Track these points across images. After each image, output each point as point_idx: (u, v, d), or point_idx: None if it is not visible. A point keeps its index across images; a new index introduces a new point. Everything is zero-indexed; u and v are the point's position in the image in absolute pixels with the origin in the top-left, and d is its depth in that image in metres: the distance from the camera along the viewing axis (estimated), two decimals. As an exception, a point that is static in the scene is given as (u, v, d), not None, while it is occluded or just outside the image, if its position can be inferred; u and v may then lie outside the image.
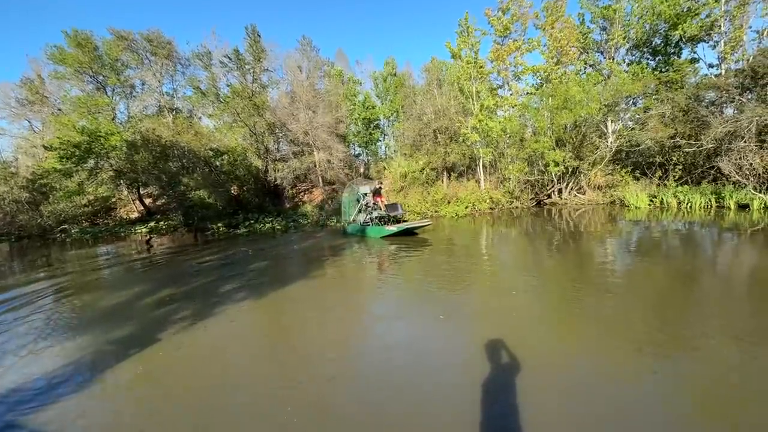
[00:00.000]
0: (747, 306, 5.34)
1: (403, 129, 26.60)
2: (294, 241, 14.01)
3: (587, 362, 3.98)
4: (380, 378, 3.83)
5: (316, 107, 21.28)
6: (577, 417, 3.03)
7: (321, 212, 19.09)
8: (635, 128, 19.71)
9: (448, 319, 5.35)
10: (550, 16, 21.00)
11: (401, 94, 29.13)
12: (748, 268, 7.30)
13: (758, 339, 4.14)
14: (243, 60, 20.90)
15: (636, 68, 21.59)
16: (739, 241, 9.57)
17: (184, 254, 12.53)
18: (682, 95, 17.90)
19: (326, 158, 20.85)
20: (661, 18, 20.53)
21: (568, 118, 17.86)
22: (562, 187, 20.08)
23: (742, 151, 14.89)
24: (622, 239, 10.71)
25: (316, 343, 4.85)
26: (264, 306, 6.38)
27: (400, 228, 12.17)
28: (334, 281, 7.96)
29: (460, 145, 22.62)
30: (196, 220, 18.22)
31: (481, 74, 20.75)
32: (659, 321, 4.89)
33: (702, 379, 3.51)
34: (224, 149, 20.02)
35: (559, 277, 7.23)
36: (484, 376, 3.63)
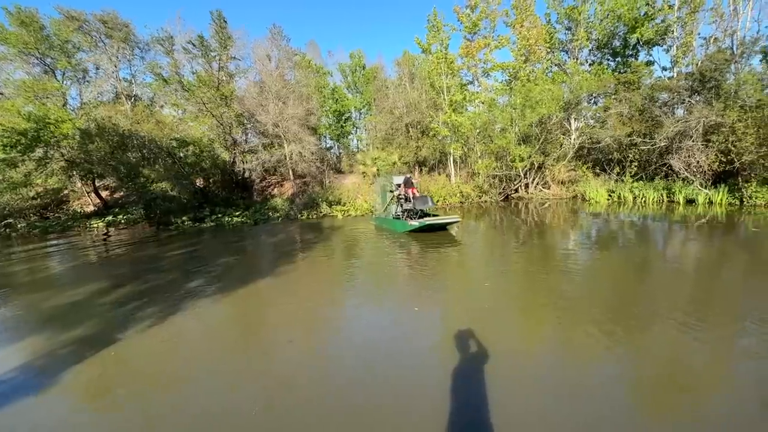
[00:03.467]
0: (691, 290, 5.81)
1: (375, 122, 26.54)
2: (264, 234, 13.70)
3: (553, 347, 4.22)
4: (350, 370, 3.85)
5: (287, 98, 20.76)
6: (543, 400, 3.19)
7: (292, 206, 18.76)
8: (596, 126, 20.68)
9: (423, 311, 5.45)
10: (519, 15, 21.51)
11: (373, 87, 28.99)
12: (692, 257, 7.91)
13: (700, 320, 4.53)
14: (208, 47, 20.00)
15: (597, 68, 22.61)
16: (686, 232, 10.34)
17: (145, 249, 11.95)
18: (638, 95, 18.93)
19: (297, 151, 20.44)
20: (621, 21, 21.55)
21: (532, 117, 18.47)
22: (528, 181, 20.79)
23: (690, 149, 16.00)
24: (583, 231, 11.29)
25: (285, 336, 4.80)
26: (231, 301, 6.22)
27: (423, 224, 10.81)
28: (304, 275, 7.88)
29: (431, 140, 22.89)
30: (159, 213, 17.40)
31: (452, 70, 20.99)
32: (616, 305, 5.24)
33: (655, 359, 3.79)
34: (189, 140, 19.17)
35: (526, 266, 7.53)
36: (457, 366, 3.74)
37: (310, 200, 18.92)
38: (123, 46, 20.84)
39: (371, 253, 9.99)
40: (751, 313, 4.80)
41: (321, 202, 18.44)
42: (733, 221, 11.30)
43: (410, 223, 10.96)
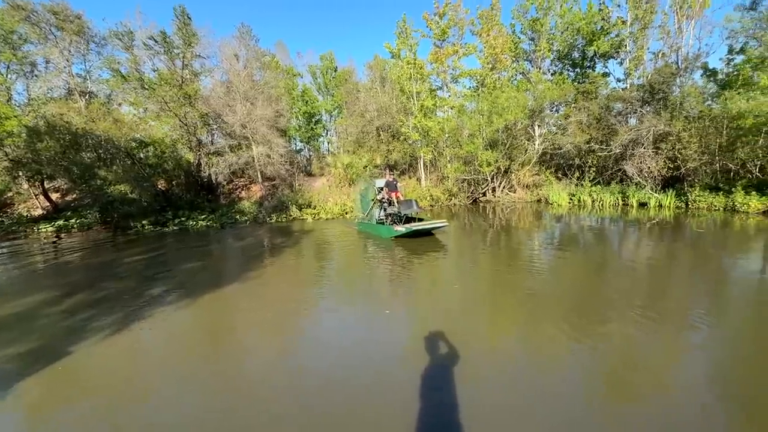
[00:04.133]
0: (644, 287, 6.21)
1: (346, 125, 26.49)
2: (231, 238, 13.28)
3: (520, 345, 4.38)
4: (320, 374, 3.80)
5: (255, 99, 20.30)
6: (510, 399, 3.30)
7: (260, 209, 18.32)
8: (558, 133, 21.69)
9: (394, 313, 5.49)
10: (485, 24, 22.22)
11: (344, 90, 28.94)
12: (644, 256, 8.46)
13: (653, 315, 4.85)
14: (171, 44, 19.22)
15: (559, 78, 23.74)
16: (639, 233, 11.04)
17: (100, 255, 11.27)
18: (595, 105, 20.05)
19: (266, 153, 20.01)
20: (579, 34, 22.79)
21: (498, 123, 19.11)
22: (495, 185, 21.43)
23: (642, 156, 17.11)
24: (547, 233, 11.79)
25: (254, 342, 4.68)
26: (197, 307, 5.99)
27: (410, 229, 10.38)
28: (274, 279, 7.71)
29: (402, 143, 23.11)
30: (116, 217, 16.46)
31: (421, 75, 21.33)
32: (578, 302, 5.52)
33: (614, 354, 4.02)
34: (150, 140, 18.31)
35: (495, 267, 7.76)
36: (428, 368, 3.79)
37: (279, 203, 18.56)
38: (77, 40, 19.59)
39: (341, 256, 9.95)
40: (697, 307, 5.22)
41: (291, 205, 18.14)
42: (680, 223, 12.18)
43: (396, 229, 10.50)
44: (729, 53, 17.69)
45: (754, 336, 4.41)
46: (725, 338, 4.36)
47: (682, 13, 17.80)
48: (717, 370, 3.72)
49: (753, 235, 10.11)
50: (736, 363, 3.84)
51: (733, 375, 3.61)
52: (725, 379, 3.55)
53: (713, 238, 9.87)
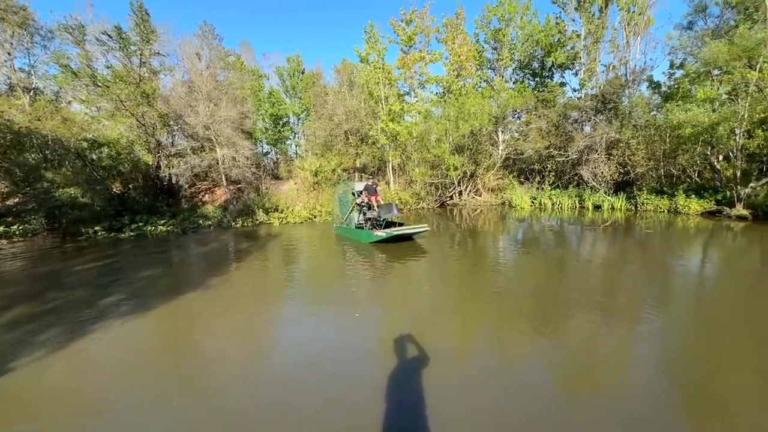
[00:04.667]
0: (600, 283, 6.62)
1: (314, 128, 26.26)
2: (193, 244, 12.76)
3: (486, 343, 4.54)
4: (287, 380, 3.76)
5: (219, 100, 19.67)
6: (477, 398, 3.41)
7: (225, 213, 17.73)
8: (520, 139, 22.63)
9: (363, 316, 5.50)
10: (450, 32, 22.86)
11: (312, 93, 28.70)
12: (600, 255, 9.00)
13: (608, 310, 5.18)
14: (127, 40, 18.27)
15: (520, 86, 24.83)
16: (594, 234, 11.72)
17: (47, 264, 10.46)
18: (554, 113, 21.13)
19: (230, 155, 19.42)
20: (538, 45, 23.97)
21: (464, 128, 19.69)
22: (462, 189, 22.00)
23: (596, 161, 18.22)
24: (511, 235, 12.26)
25: (217, 351, 4.53)
26: (156, 317, 5.71)
27: (390, 234, 10.07)
28: (239, 285, 7.50)
29: (370, 147, 23.22)
30: (65, 223, 15.33)
31: (389, 80, 21.58)
32: (540, 299, 5.82)
33: (575, 348, 4.25)
34: (103, 141, 17.24)
35: (462, 268, 7.96)
36: (397, 370, 3.84)
37: (245, 207, 18.05)
38: (20, 32, 18.18)
39: (310, 260, 9.84)
40: (647, 301, 5.64)
41: (257, 209, 17.69)
42: (631, 224, 13.06)
43: (376, 234, 10.20)
44: (670, 68, 19.30)
45: (697, 325, 4.84)
46: (672, 328, 4.74)
47: (629, 30, 19.19)
48: (666, 359, 4.04)
49: (693, 235, 11.03)
50: (682, 351, 4.20)
51: (679, 362, 3.95)
52: (673, 366, 3.87)
53: (659, 238, 10.67)
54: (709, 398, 3.23)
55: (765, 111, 12.45)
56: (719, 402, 3.17)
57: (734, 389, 3.34)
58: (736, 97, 13.09)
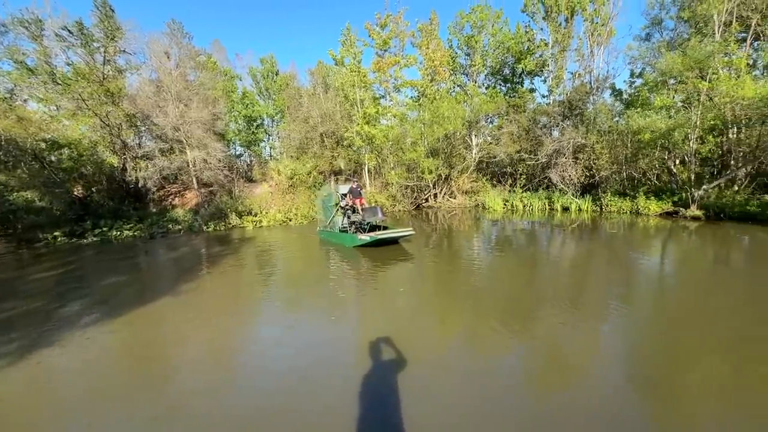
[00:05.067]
0: (568, 281, 6.90)
1: (288, 130, 25.95)
2: (162, 249, 12.32)
3: (461, 343, 4.64)
4: (261, 388, 3.73)
5: (189, 100, 19.10)
6: (451, 398, 3.49)
7: (196, 217, 17.21)
8: (492, 143, 23.25)
9: (339, 320, 5.50)
10: (424, 37, 23.23)
11: (286, 95, 28.37)
12: (568, 254, 9.39)
13: (578, 308, 5.42)
14: (90, 36, 17.47)
15: (492, 92, 25.52)
16: (563, 234, 12.20)
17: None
18: (524, 118, 21.85)
19: (202, 157, 18.88)
20: (509, 52, 24.73)
21: (439, 132, 20.03)
22: (437, 192, 22.33)
23: (564, 165, 18.95)
24: (484, 236, 12.57)
25: (188, 360, 4.42)
26: (122, 326, 5.49)
27: (374, 238, 9.87)
28: (211, 291, 7.32)
29: (346, 150, 23.19)
30: (20, 228, 14.44)
31: (364, 83, 21.68)
32: (513, 297, 6.02)
33: (546, 345, 4.44)
34: (63, 141, 16.37)
35: (438, 269, 8.10)
36: (372, 373, 3.87)
37: (217, 211, 17.59)
38: (-31, 25, 16.99)
39: (284, 264, 9.72)
40: (611, 298, 5.95)
41: (230, 212, 17.28)
42: (596, 225, 13.68)
43: (360, 238, 10.00)
44: (631, 77, 20.41)
45: (657, 320, 5.15)
46: (635, 324, 5.02)
47: (593, 40, 20.15)
48: (629, 353, 4.29)
49: (653, 235, 11.68)
50: (644, 344, 4.47)
51: (642, 356, 4.20)
52: (636, 359, 4.11)
53: (622, 238, 11.24)
54: (670, 390, 3.45)
55: (714, 119, 13.39)
56: (679, 393, 3.40)
57: (693, 380, 3.58)
58: (690, 105, 14.01)
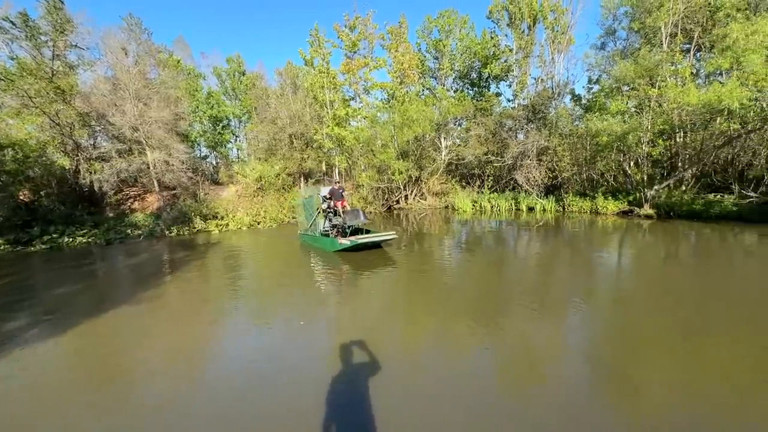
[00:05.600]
0: (534, 279, 7.14)
1: (256, 131, 25.35)
2: (121, 256, 11.65)
3: (432, 343, 4.68)
4: (226, 396, 3.59)
5: (149, 99, 18.23)
6: (429, 397, 3.51)
7: (158, 221, 16.42)
8: (461, 145, 23.77)
9: (309, 324, 5.40)
10: (394, 40, 23.43)
11: (254, 95, 27.72)
12: (533, 253, 9.73)
13: (544, 305, 5.62)
14: (36, 29, 16.30)
15: (460, 95, 26.10)
16: (529, 234, 12.63)
17: (-67, 285, 8.91)
18: (491, 121, 22.51)
19: (163, 159, 18.05)
20: (476, 57, 25.42)
21: (409, 134, 20.24)
22: (407, 193, 22.53)
23: (528, 167, 19.67)
24: (455, 236, 12.80)
25: (148, 370, 4.19)
26: (74, 338, 5.13)
27: (355, 242, 9.41)
28: (175, 298, 7.00)
29: (316, 152, 22.94)
30: (-43, 236, 13.19)
31: (334, 84, 21.55)
32: (482, 296, 6.15)
33: (514, 342, 4.56)
34: (6, 142, 15.14)
35: (409, 270, 8.12)
36: (345, 377, 3.83)
37: (180, 214, 16.87)
38: None
39: (252, 269, 9.46)
40: (574, 293, 6.21)
41: (194, 216, 16.61)
42: (560, 224, 14.27)
43: (341, 242, 9.54)
44: (588, 83, 21.48)
45: (616, 313, 5.43)
46: (596, 317, 5.28)
47: (554, 47, 21.08)
48: (591, 345, 4.50)
49: (610, 233, 12.34)
50: (605, 338, 4.69)
51: (603, 348, 4.41)
52: (597, 352, 4.30)
53: (583, 236, 11.80)
54: (629, 380, 3.64)
55: (663, 123, 14.35)
56: (637, 383, 3.59)
57: (649, 370, 3.80)
58: (641, 110, 14.94)
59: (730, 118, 13.13)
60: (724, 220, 12.83)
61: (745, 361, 3.89)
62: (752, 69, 11.65)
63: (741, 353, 4.05)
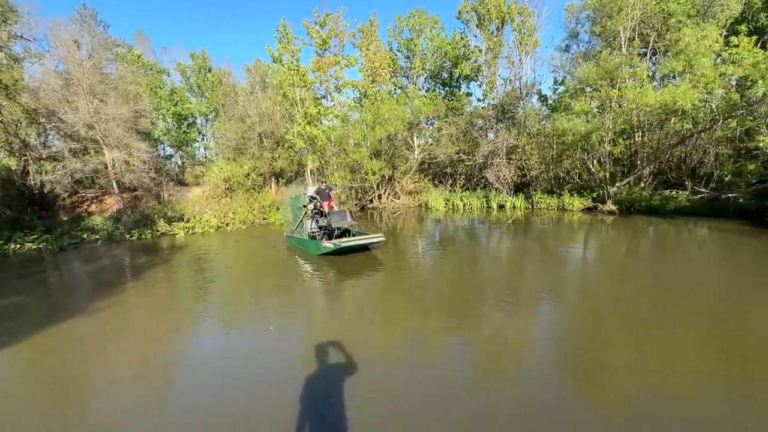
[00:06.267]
0: (505, 275, 7.26)
1: (224, 130, 24.48)
2: (77, 262, 10.89)
3: (409, 341, 4.64)
4: (193, 408, 3.38)
5: (105, 95, 17.15)
6: (403, 397, 3.43)
7: (118, 225, 15.51)
8: (433, 144, 23.96)
9: (279, 328, 5.22)
10: (365, 38, 23.27)
11: (221, 92, 26.75)
12: (504, 249, 9.92)
13: (513, 298, 5.70)
14: (-25, 18, 14.96)
15: (432, 94, 26.31)
16: (500, 231, 12.89)
17: None
18: (462, 120, 22.82)
19: (123, 159, 17.05)
20: (447, 57, 25.70)
21: (381, 133, 20.18)
22: (381, 193, 22.48)
23: (498, 165, 20.09)
24: (429, 235, 12.87)
25: (110, 383, 3.89)
26: (23, 352, 4.72)
27: (338, 246, 8.77)
28: (138, 306, 6.60)
29: (287, 151, 22.45)
30: None
31: (305, 82, 21.14)
32: (456, 293, 6.21)
33: (486, 336, 4.60)
34: (-59, 140, 13.84)
35: (384, 268, 8.05)
36: (323, 381, 3.70)
37: (143, 217, 16.02)
38: None
39: (220, 273, 9.09)
40: (543, 287, 6.35)
41: (158, 218, 15.82)
42: (529, 221, 14.66)
43: (324, 245, 8.87)
44: (554, 84, 22.20)
45: (581, 304, 5.60)
46: (564, 309, 5.42)
47: (521, 48, 21.63)
48: (560, 337, 4.60)
49: (576, 228, 12.79)
50: (573, 329, 4.81)
51: (571, 340, 4.50)
52: (566, 344, 4.39)
53: (551, 232, 12.16)
54: (596, 369, 3.73)
55: (624, 123, 15.04)
56: (604, 371, 3.69)
57: (615, 359, 3.90)
58: (603, 110, 15.58)
59: (684, 119, 13.94)
60: (680, 214, 13.60)
61: (698, 346, 4.12)
62: (702, 72, 12.40)
63: (695, 339, 4.29)
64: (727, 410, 3.03)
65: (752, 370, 3.62)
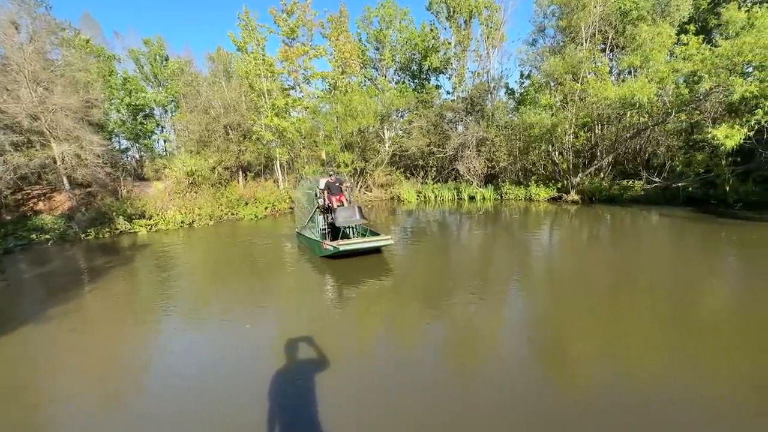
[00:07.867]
0: (477, 266, 7.42)
1: (185, 122, 23.28)
2: (24, 265, 10.05)
3: (383, 333, 4.64)
4: (156, 414, 3.21)
5: (51, 83, 15.81)
6: (376, 387, 3.41)
7: (71, 223, 14.46)
8: (404, 137, 23.99)
9: (255, 326, 5.07)
10: (334, 29, 22.78)
11: (182, 82, 25.38)
12: (476, 240, 10.14)
13: (487, 286, 5.85)
14: None
15: (402, 87, 26.26)
16: (471, 222, 13.16)
17: None
18: (432, 113, 22.98)
19: (73, 152, 15.83)
20: (416, 49, 25.67)
21: (353, 125, 19.95)
22: (353, 185, 22.30)
23: (469, 157, 20.45)
24: (401, 227, 12.91)
25: (64, 394, 3.61)
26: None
27: (337, 249, 7.65)
28: (95, 311, 6.18)
29: (255, 144, 21.71)
30: None
31: (272, 72, 20.46)
32: (429, 284, 6.31)
33: (460, 325, 4.68)
34: None
35: (358, 260, 7.99)
36: (296, 379, 3.61)
37: (99, 215, 15.00)
38: None
39: (186, 272, 8.68)
40: (513, 274, 6.57)
41: (116, 216, 14.88)
42: (498, 211, 15.06)
43: (324, 248, 7.89)
44: (521, 77, 22.75)
45: (548, 289, 5.86)
46: (531, 298, 5.62)
47: (489, 42, 21.96)
48: (529, 322, 4.77)
49: (542, 217, 13.28)
50: (540, 313, 5.03)
51: (538, 323, 4.70)
52: (535, 327, 4.56)
53: (519, 222, 12.56)
54: (563, 352, 3.90)
55: (585, 116, 15.68)
56: (570, 354, 3.85)
57: (580, 341, 4.08)
58: (567, 104, 16.17)
59: (640, 112, 14.72)
60: (636, 203, 14.44)
61: (658, 320, 4.43)
62: (657, 67, 13.11)
63: (653, 314, 4.62)
64: (695, 383, 3.24)
65: (711, 339, 3.94)
